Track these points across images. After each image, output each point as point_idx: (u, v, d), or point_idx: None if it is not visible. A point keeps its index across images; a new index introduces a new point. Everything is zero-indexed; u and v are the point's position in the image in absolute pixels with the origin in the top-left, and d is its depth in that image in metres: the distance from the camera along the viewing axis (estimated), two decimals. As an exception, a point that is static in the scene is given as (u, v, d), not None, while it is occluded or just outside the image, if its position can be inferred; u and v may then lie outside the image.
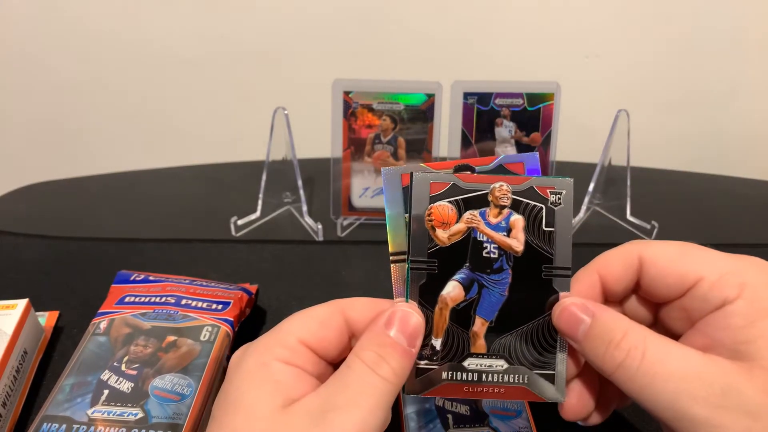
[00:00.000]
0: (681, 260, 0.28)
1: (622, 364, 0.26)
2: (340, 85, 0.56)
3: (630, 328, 0.27)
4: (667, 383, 0.25)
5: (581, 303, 0.28)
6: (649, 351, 0.26)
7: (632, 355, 0.26)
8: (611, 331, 0.27)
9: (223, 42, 0.82)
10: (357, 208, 0.60)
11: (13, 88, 0.87)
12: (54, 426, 0.36)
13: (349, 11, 0.79)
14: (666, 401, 0.25)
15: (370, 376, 0.26)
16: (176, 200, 0.68)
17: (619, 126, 0.58)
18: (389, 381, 0.26)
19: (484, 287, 0.30)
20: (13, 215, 0.65)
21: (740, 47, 0.82)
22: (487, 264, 0.29)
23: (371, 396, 0.25)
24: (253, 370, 0.27)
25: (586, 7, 0.79)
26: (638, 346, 0.26)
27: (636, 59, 0.83)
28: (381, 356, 0.26)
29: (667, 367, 0.25)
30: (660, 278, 0.29)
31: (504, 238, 0.30)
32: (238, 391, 0.26)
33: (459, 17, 0.80)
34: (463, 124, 0.57)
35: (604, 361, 0.26)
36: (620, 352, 0.26)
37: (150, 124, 0.90)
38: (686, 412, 0.24)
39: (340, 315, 0.29)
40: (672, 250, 0.29)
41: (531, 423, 0.39)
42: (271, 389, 0.26)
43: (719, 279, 0.27)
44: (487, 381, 0.30)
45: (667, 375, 0.25)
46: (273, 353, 0.27)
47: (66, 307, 0.50)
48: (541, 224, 0.30)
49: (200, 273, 0.51)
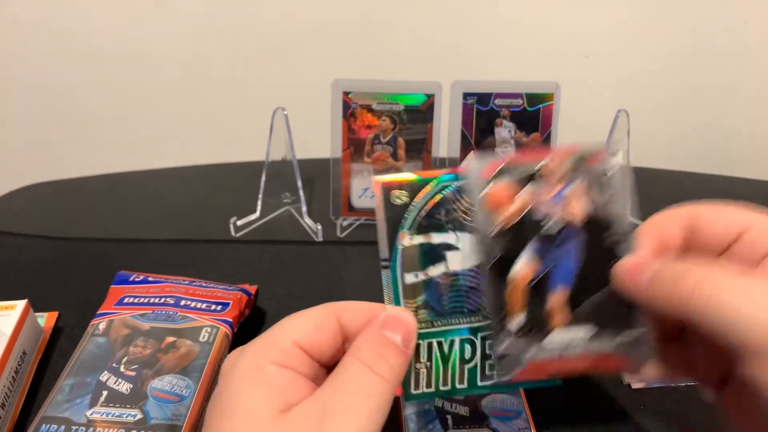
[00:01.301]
0: (729, 212, 0.30)
1: (693, 293, 0.25)
2: (339, 86, 0.56)
3: (692, 264, 0.26)
4: (747, 297, 0.24)
5: (637, 260, 0.29)
6: (717, 276, 0.25)
7: (702, 284, 0.25)
8: (674, 270, 0.26)
9: (222, 42, 0.82)
10: (356, 209, 0.60)
11: (13, 88, 0.87)
12: (53, 427, 0.36)
13: (348, 12, 0.79)
14: (750, 318, 0.24)
15: (368, 377, 0.26)
16: (176, 200, 0.67)
17: (619, 126, 0.58)
18: (388, 380, 0.26)
19: (552, 262, 0.30)
20: (13, 215, 0.65)
21: (740, 48, 0.82)
22: (549, 240, 0.30)
23: (370, 398, 0.25)
24: (248, 374, 0.26)
25: (585, 8, 0.79)
26: (705, 276, 0.25)
27: (636, 59, 0.83)
28: (380, 355, 0.27)
29: (743, 283, 0.25)
30: (711, 228, 0.29)
31: (562, 211, 0.30)
32: (233, 395, 0.26)
33: (458, 17, 0.80)
34: (463, 125, 0.57)
35: (672, 298, 0.26)
36: (687, 283, 0.25)
37: (150, 124, 0.90)
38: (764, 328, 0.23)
39: (334, 318, 0.29)
40: (721, 207, 0.30)
41: (530, 423, 0.39)
42: (268, 393, 0.26)
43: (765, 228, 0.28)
44: (573, 352, 0.29)
45: (745, 291, 0.24)
46: (268, 356, 0.27)
47: (65, 308, 0.50)
48: (596, 192, 0.30)
49: (199, 274, 0.51)
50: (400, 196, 0.30)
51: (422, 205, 0.30)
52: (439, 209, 0.30)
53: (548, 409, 0.41)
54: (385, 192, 0.30)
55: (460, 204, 0.30)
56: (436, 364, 0.30)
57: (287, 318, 0.29)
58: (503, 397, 0.40)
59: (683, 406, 0.42)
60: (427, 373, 0.30)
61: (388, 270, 0.30)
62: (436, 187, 0.30)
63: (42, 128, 0.91)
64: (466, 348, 0.30)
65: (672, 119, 0.87)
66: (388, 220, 0.30)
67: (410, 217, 0.30)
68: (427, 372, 0.30)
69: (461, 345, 0.30)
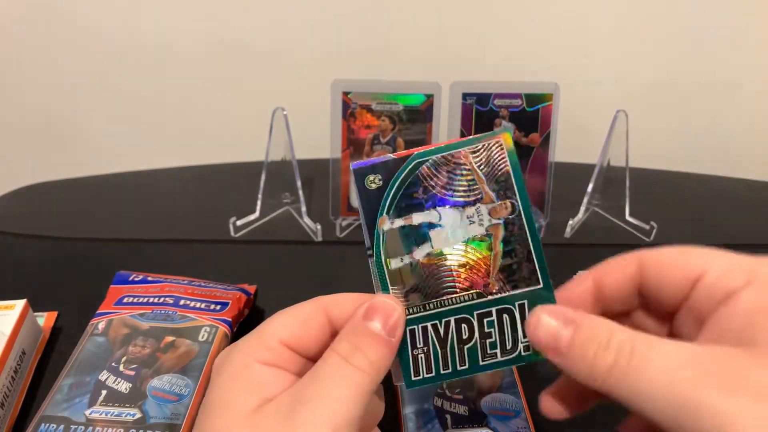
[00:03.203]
0: (684, 257, 0.27)
1: (614, 365, 0.24)
2: (339, 86, 0.56)
3: (615, 328, 0.25)
4: (662, 374, 0.23)
5: (559, 311, 0.27)
6: (638, 345, 0.24)
7: (622, 353, 0.24)
8: (597, 335, 0.25)
9: (222, 42, 0.82)
10: (356, 209, 0.60)
11: (13, 87, 0.87)
12: (52, 426, 0.36)
13: (348, 12, 0.79)
14: (664, 395, 0.22)
15: (343, 368, 0.25)
16: (175, 200, 0.68)
17: (617, 126, 0.58)
18: (364, 371, 0.25)
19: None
20: (13, 215, 0.65)
21: (740, 48, 0.82)
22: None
23: (343, 387, 0.25)
24: (235, 373, 0.27)
25: (585, 8, 0.79)
26: (626, 342, 0.24)
27: (636, 59, 0.83)
28: (356, 346, 0.26)
29: (661, 357, 0.23)
30: (662, 275, 0.27)
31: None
32: (219, 392, 0.26)
33: (458, 17, 0.80)
34: (462, 125, 0.57)
35: (594, 368, 0.24)
36: (609, 352, 0.24)
37: (149, 125, 0.90)
38: (687, 400, 0.22)
39: (323, 312, 0.29)
40: (673, 250, 0.27)
41: (530, 423, 0.39)
42: (249, 390, 0.26)
43: (725, 271, 0.25)
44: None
45: (661, 365, 0.23)
46: (254, 355, 0.27)
47: (65, 308, 0.50)
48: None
49: (199, 273, 0.51)
50: (374, 180, 0.29)
51: (398, 186, 0.29)
52: (416, 187, 0.29)
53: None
54: (359, 178, 0.29)
55: (439, 179, 0.29)
56: (434, 348, 0.29)
57: (276, 315, 0.29)
58: (503, 396, 0.40)
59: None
60: (426, 358, 0.29)
61: (373, 258, 0.29)
62: (411, 164, 0.29)
63: (42, 128, 0.91)
64: (462, 328, 0.29)
65: (671, 119, 0.87)
66: (366, 207, 0.29)
67: (387, 200, 0.29)
68: (426, 357, 0.29)
69: (457, 325, 0.29)
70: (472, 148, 0.29)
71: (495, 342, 0.29)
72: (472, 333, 0.29)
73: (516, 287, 0.29)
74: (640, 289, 0.29)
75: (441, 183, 0.29)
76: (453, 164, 0.29)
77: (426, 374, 0.29)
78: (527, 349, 0.29)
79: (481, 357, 0.29)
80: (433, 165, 0.29)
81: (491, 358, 0.29)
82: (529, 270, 0.29)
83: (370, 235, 0.29)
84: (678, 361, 0.23)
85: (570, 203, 0.60)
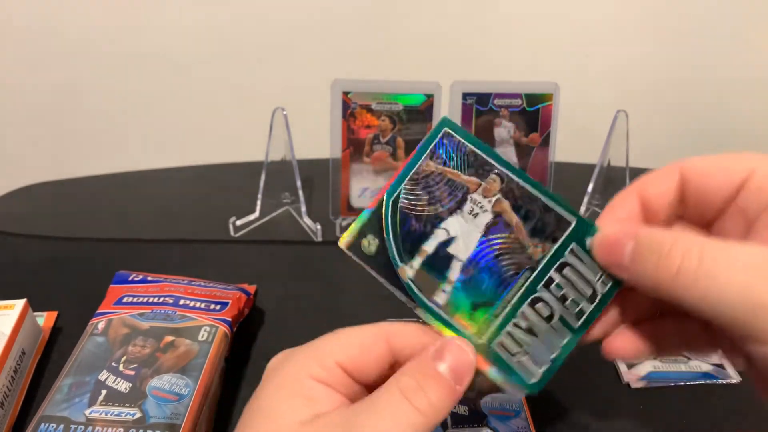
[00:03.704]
0: (728, 160, 0.26)
1: (679, 271, 0.23)
2: (339, 86, 0.56)
3: (680, 235, 0.24)
4: (734, 276, 0.22)
5: (619, 228, 0.26)
6: (707, 250, 0.23)
7: (688, 258, 0.23)
8: (660, 243, 0.24)
9: (222, 42, 0.82)
10: (356, 209, 0.60)
11: (13, 88, 0.87)
12: (52, 426, 0.36)
13: (347, 12, 0.79)
14: (735, 298, 0.22)
15: (403, 406, 0.24)
16: (175, 200, 0.67)
17: (617, 126, 0.58)
18: (423, 413, 0.24)
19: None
20: (13, 215, 0.65)
21: (739, 48, 0.82)
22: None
23: (398, 425, 0.24)
24: (287, 382, 0.26)
25: (585, 8, 0.79)
26: (692, 248, 0.23)
27: (635, 59, 0.83)
28: (420, 386, 0.25)
29: (731, 259, 0.22)
30: (707, 181, 0.27)
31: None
32: (269, 398, 0.26)
33: (458, 17, 0.80)
34: (462, 125, 0.57)
35: (658, 275, 0.24)
36: (673, 259, 0.23)
37: (149, 125, 0.90)
38: (762, 302, 0.21)
39: (384, 341, 0.28)
40: (716, 156, 0.27)
41: (530, 423, 0.39)
42: (300, 403, 0.26)
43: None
44: None
45: (732, 268, 0.22)
46: (309, 370, 0.27)
47: (64, 308, 0.50)
48: None
49: (199, 273, 0.51)
50: (370, 242, 0.28)
51: (393, 232, 0.28)
52: (408, 221, 0.28)
53: (547, 409, 0.41)
54: (357, 252, 0.28)
55: (420, 200, 0.29)
56: (529, 343, 0.28)
57: (336, 332, 0.28)
58: (503, 396, 0.40)
59: (683, 406, 0.42)
60: (529, 356, 0.28)
61: (420, 308, 0.28)
62: (389, 205, 0.29)
63: (42, 128, 0.91)
64: (539, 308, 0.28)
65: (671, 119, 0.87)
66: (381, 271, 0.28)
67: (393, 251, 0.28)
68: (528, 355, 0.28)
69: (534, 310, 0.28)
70: (428, 154, 0.29)
71: (575, 299, 0.28)
72: (550, 306, 0.28)
73: (555, 239, 0.28)
74: (682, 199, 0.28)
75: (425, 202, 0.29)
76: (423, 179, 0.29)
77: (540, 369, 0.28)
78: (604, 283, 0.28)
79: (573, 321, 0.28)
80: (408, 192, 0.29)
81: (582, 315, 0.28)
82: (554, 217, 0.29)
83: (402, 291, 0.28)
84: (752, 263, 0.22)
85: (570, 203, 0.60)
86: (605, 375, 0.44)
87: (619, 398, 0.42)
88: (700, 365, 0.44)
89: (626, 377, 0.43)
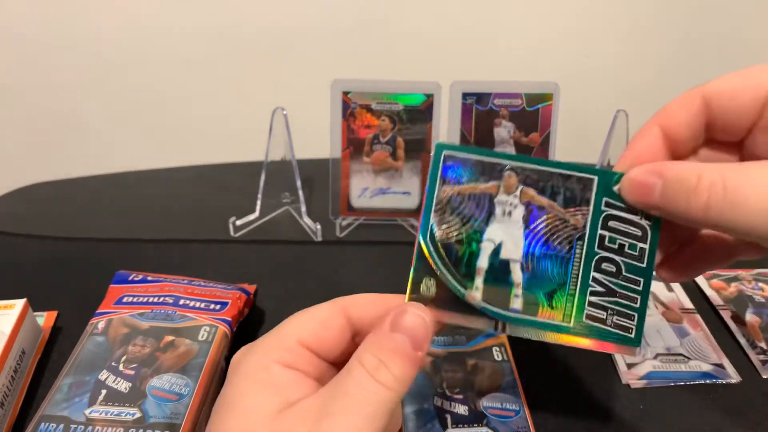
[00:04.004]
0: (748, 77, 0.27)
1: (708, 204, 0.25)
2: (339, 86, 0.56)
3: (702, 168, 0.25)
4: (758, 198, 0.24)
5: (644, 169, 0.27)
6: (729, 178, 0.24)
7: (715, 190, 0.24)
8: (686, 180, 0.25)
9: (222, 42, 0.82)
10: (356, 209, 0.60)
11: (13, 88, 0.87)
12: (52, 426, 0.36)
13: (348, 12, 0.79)
14: (762, 218, 0.23)
15: (369, 383, 0.25)
16: (175, 200, 0.67)
17: (617, 126, 0.58)
18: (390, 388, 0.25)
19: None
20: (13, 215, 0.65)
21: (739, 48, 0.82)
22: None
23: (369, 404, 0.25)
24: (253, 373, 0.26)
25: (585, 8, 0.79)
26: (716, 180, 0.25)
27: (635, 59, 0.83)
28: (382, 361, 0.25)
29: (752, 182, 0.24)
30: (730, 101, 0.27)
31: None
32: (237, 392, 0.26)
33: (458, 17, 0.80)
34: (462, 125, 0.57)
35: (690, 211, 0.25)
36: (701, 193, 0.25)
37: (149, 124, 0.90)
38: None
39: (342, 314, 0.28)
40: (735, 74, 0.28)
41: (530, 423, 0.39)
42: (270, 392, 0.26)
43: None
44: None
45: (754, 191, 0.24)
46: (273, 356, 0.27)
47: (64, 307, 0.50)
48: None
49: (199, 273, 0.51)
50: (428, 285, 0.29)
51: (444, 267, 0.29)
52: (452, 249, 0.29)
53: (547, 409, 0.41)
54: (421, 301, 0.28)
55: (454, 223, 0.29)
56: (612, 304, 0.28)
57: (294, 315, 0.29)
58: (503, 396, 0.40)
59: (683, 406, 0.42)
60: (620, 313, 0.28)
61: (510, 326, 0.29)
62: (427, 244, 0.29)
63: (42, 128, 0.91)
64: (604, 267, 0.29)
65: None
66: (452, 309, 0.29)
67: (451, 283, 0.29)
68: (620, 313, 0.28)
69: (600, 271, 0.29)
70: (439, 182, 0.29)
71: (630, 244, 0.29)
72: (614, 260, 0.29)
73: (588, 201, 0.29)
74: (705, 123, 0.29)
75: (459, 224, 0.29)
76: (446, 205, 0.29)
77: (633, 322, 0.28)
78: (648, 218, 0.29)
79: (639, 263, 0.29)
80: (439, 224, 0.29)
81: (644, 254, 0.29)
82: (576, 182, 0.29)
83: (482, 316, 0.29)
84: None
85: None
86: (605, 375, 0.44)
87: (619, 398, 0.42)
88: (700, 365, 0.44)
89: (626, 377, 0.43)
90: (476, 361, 0.43)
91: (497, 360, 0.43)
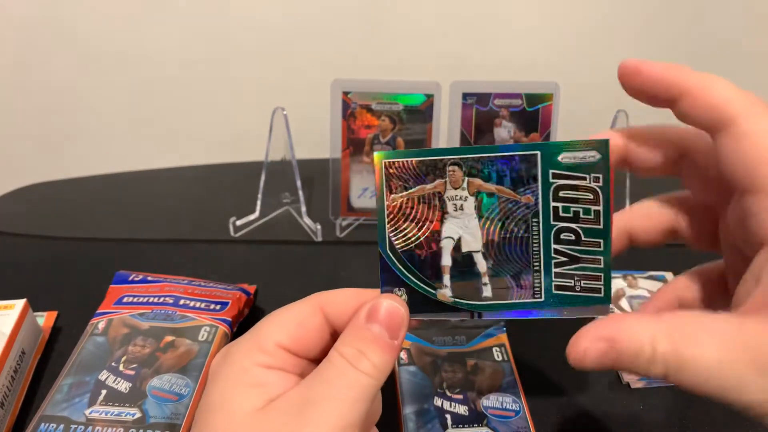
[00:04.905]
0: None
1: (665, 373, 0.25)
2: (339, 86, 0.56)
3: (656, 336, 0.25)
4: (707, 370, 0.23)
5: (592, 336, 0.26)
6: (682, 351, 0.24)
7: (669, 366, 0.24)
8: (639, 349, 0.25)
9: (221, 42, 0.82)
10: (356, 209, 0.60)
11: (13, 88, 0.87)
12: (52, 426, 0.36)
13: (348, 11, 0.79)
14: (714, 385, 0.23)
15: (350, 371, 0.26)
16: (175, 200, 0.68)
17: (617, 126, 0.58)
18: (370, 376, 0.26)
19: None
20: (13, 215, 0.65)
21: (739, 48, 0.82)
22: None
23: (351, 390, 0.25)
24: (234, 376, 0.27)
25: (585, 8, 0.79)
26: (669, 355, 0.24)
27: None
28: (361, 351, 0.26)
29: (703, 357, 0.24)
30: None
31: None
32: (220, 394, 0.26)
33: (458, 17, 0.80)
34: (462, 125, 0.57)
35: (650, 373, 0.25)
36: (657, 365, 0.25)
37: (149, 125, 0.90)
38: (731, 385, 0.23)
39: (319, 312, 0.29)
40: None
41: (530, 423, 0.39)
42: (254, 392, 0.26)
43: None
44: None
45: (705, 363, 0.24)
46: (253, 359, 0.27)
47: (64, 308, 0.50)
48: None
49: (199, 273, 0.51)
50: (399, 294, 0.29)
51: (410, 273, 0.29)
52: (413, 254, 0.29)
53: (547, 409, 0.41)
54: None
55: (408, 229, 0.29)
56: (576, 271, 0.29)
57: (271, 316, 0.29)
58: (503, 396, 0.40)
59: (683, 406, 0.42)
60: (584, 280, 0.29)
61: (485, 314, 0.29)
62: (389, 255, 0.29)
63: (42, 128, 0.91)
64: (564, 237, 0.29)
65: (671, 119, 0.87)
66: (427, 309, 0.29)
67: (420, 287, 0.29)
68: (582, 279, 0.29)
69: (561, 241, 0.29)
70: (386, 192, 0.29)
71: (584, 209, 0.29)
72: (570, 229, 0.29)
73: (535, 177, 0.29)
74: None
75: (415, 229, 0.29)
76: (398, 213, 0.29)
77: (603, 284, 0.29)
78: (597, 179, 0.29)
79: (597, 226, 0.29)
80: (395, 233, 0.29)
81: (599, 218, 0.29)
82: (521, 163, 0.29)
83: (458, 310, 0.29)
84: (718, 351, 0.24)
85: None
86: (605, 375, 0.44)
87: (619, 398, 0.42)
88: (700, 365, 0.44)
89: (626, 377, 0.43)
90: (476, 361, 0.43)
91: (497, 360, 0.43)
